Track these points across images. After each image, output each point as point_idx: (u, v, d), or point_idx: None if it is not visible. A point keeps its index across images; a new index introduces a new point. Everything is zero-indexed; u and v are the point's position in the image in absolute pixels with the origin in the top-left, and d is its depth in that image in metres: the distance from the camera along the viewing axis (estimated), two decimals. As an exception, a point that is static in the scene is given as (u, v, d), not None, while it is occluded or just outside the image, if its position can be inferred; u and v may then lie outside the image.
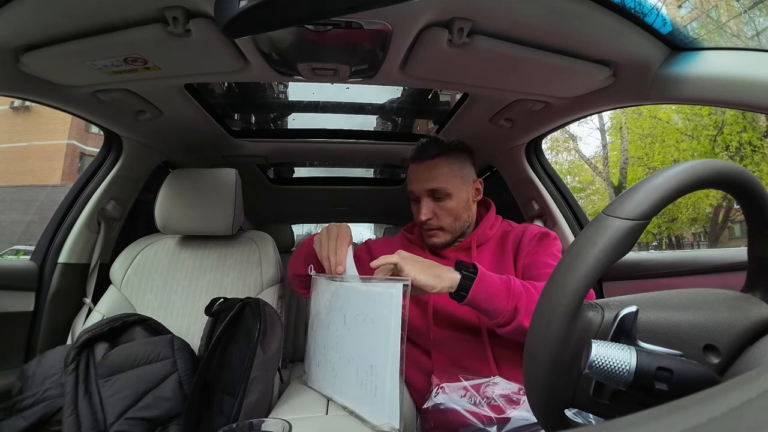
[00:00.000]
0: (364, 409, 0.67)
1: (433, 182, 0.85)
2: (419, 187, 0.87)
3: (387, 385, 0.63)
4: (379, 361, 0.64)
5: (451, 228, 0.87)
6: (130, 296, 1.03)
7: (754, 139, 8.31)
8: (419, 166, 0.87)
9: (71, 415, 0.68)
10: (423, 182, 0.86)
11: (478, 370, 0.76)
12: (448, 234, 0.88)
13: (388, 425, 0.63)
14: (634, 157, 9.95)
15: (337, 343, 0.73)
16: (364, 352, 0.67)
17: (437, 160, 0.86)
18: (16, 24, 0.64)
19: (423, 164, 0.87)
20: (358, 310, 0.69)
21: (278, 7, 0.40)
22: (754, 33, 7.58)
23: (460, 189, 0.87)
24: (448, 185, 0.85)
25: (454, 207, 0.86)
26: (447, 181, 0.85)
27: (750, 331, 0.34)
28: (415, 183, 0.88)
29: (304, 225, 2.99)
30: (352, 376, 0.69)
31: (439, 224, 0.86)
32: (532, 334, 0.36)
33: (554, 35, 0.71)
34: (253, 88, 1.27)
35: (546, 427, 0.37)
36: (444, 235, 0.88)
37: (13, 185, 11.73)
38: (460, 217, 0.87)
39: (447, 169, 0.86)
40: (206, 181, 1.09)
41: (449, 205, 0.86)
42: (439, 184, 0.85)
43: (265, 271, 1.08)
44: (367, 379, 0.66)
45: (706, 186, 0.35)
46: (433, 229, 0.87)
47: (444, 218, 0.86)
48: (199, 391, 0.75)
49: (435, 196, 0.86)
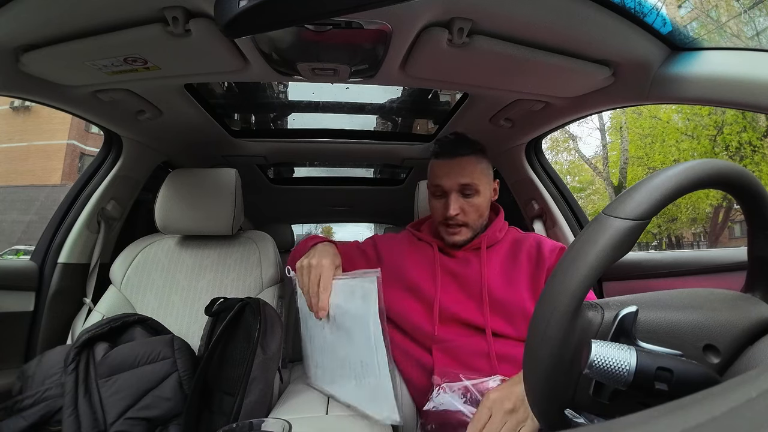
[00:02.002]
0: (365, 405, 0.68)
1: (467, 177, 0.85)
2: (450, 182, 0.86)
3: (380, 379, 0.64)
4: (367, 357, 0.65)
5: (474, 225, 0.88)
6: (130, 296, 1.03)
7: (754, 139, 8.31)
8: (450, 161, 0.87)
9: (71, 415, 0.68)
10: (456, 177, 0.85)
11: (480, 368, 0.76)
12: (470, 231, 0.88)
13: (389, 419, 0.64)
14: (634, 157, 9.95)
15: (330, 343, 0.74)
16: (353, 350, 0.68)
17: (470, 158, 0.86)
18: (16, 24, 0.64)
19: (455, 160, 0.86)
20: (341, 308, 0.69)
21: (278, 7, 0.40)
22: (754, 33, 7.58)
23: (486, 187, 0.88)
24: (479, 182, 0.86)
25: (481, 204, 0.87)
26: (478, 177, 0.86)
27: (750, 331, 0.34)
28: (445, 178, 0.87)
29: (304, 225, 2.99)
30: (347, 373, 0.70)
31: (465, 220, 0.86)
32: (532, 333, 0.36)
33: (554, 35, 0.71)
34: (253, 88, 1.27)
35: (546, 427, 0.37)
36: (467, 232, 0.88)
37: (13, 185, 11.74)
38: (484, 214, 0.89)
39: (478, 167, 0.87)
40: (206, 181, 1.09)
41: (477, 201, 0.86)
42: (472, 179, 0.85)
43: (265, 271, 1.08)
44: (361, 375, 0.67)
45: (706, 186, 0.35)
46: (459, 225, 0.87)
47: (471, 214, 0.87)
48: (199, 390, 0.75)
49: (465, 192, 0.86)
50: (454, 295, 0.83)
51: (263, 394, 0.75)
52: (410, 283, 0.86)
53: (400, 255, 0.92)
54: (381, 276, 0.64)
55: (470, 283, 0.84)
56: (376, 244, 0.96)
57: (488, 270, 0.84)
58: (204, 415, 0.75)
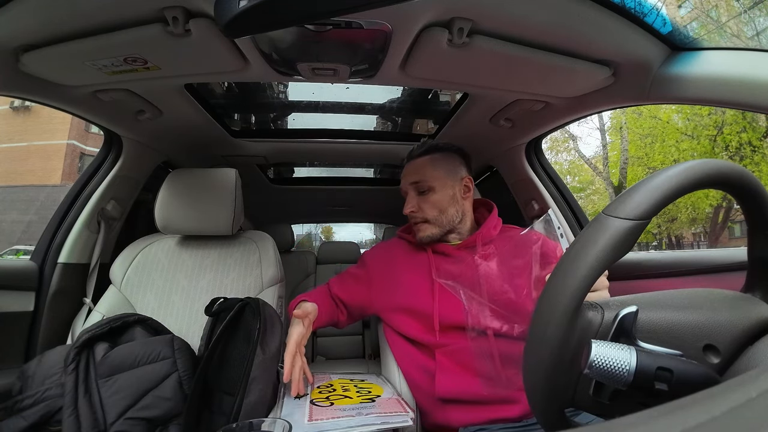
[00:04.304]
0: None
1: (416, 176, 0.91)
2: (404, 182, 0.94)
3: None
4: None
5: (436, 221, 0.89)
6: (130, 296, 1.03)
7: (753, 139, 8.30)
8: (408, 164, 0.95)
9: (71, 415, 0.68)
10: (407, 177, 0.93)
11: (484, 369, 0.76)
12: (434, 227, 0.90)
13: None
14: (634, 157, 9.94)
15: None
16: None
17: (423, 158, 0.92)
18: (16, 24, 0.64)
19: (409, 163, 0.94)
20: None
21: (278, 7, 0.40)
22: (754, 33, 7.58)
23: (444, 183, 0.90)
24: (431, 179, 0.90)
25: (438, 200, 0.89)
26: (429, 175, 0.90)
27: (750, 331, 0.34)
28: (402, 179, 0.94)
29: (304, 225, 2.99)
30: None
31: (423, 216, 0.90)
32: (532, 333, 0.36)
33: (554, 35, 0.71)
34: (253, 88, 1.27)
35: (546, 427, 0.37)
36: (430, 228, 0.90)
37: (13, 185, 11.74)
38: (446, 210, 0.90)
39: (430, 165, 0.91)
40: (206, 181, 1.09)
41: (433, 198, 0.89)
42: (420, 177, 0.90)
43: (265, 271, 1.08)
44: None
45: (706, 186, 0.35)
46: (418, 222, 0.91)
47: (428, 210, 0.89)
48: (199, 390, 0.75)
49: (419, 190, 0.91)
50: (452, 301, 0.83)
51: (263, 394, 0.75)
52: (407, 301, 0.87)
53: (393, 268, 0.93)
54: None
55: (468, 282, 0.84)
56: (366, 262, 0.99)
57: (486, 268, 0.85)
58: (204, 415, 0.75)
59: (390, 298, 0.89)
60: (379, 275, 0.93)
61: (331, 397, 0.74)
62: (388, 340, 0.92)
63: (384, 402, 0.72)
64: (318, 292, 0.95)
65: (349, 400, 0.72)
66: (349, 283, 0.96)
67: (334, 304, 0.94)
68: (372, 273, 0.95)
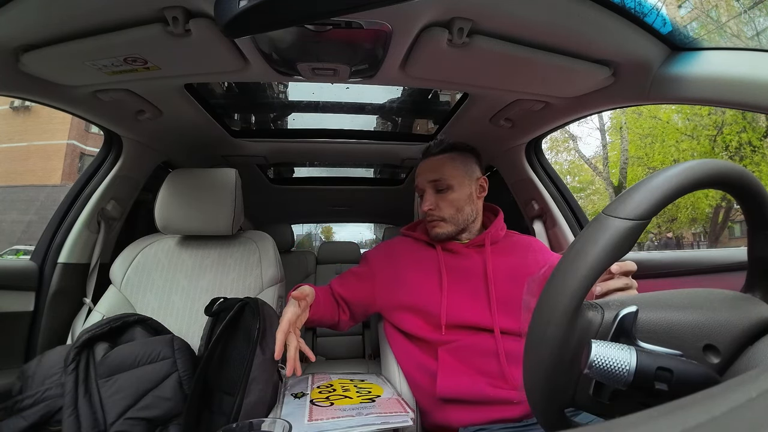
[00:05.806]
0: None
1: (435, 174, 0.90)
2: (421, 180, 0.93)
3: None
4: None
5: (453, 219, 0.89)
6: (130, 296, 1.03)
7: (753, 139, 8.30)
8: (425, 162, 0.94)
9: (71, 415, 0.68)
10: (426, 174, 0.92)
11: (488, 367, 0.76)
12: (450, 225, 0.90)
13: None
14: (634, 157, 9.94)
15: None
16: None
17: (441, 156, 0.92)
18: (16, 24, 0.64)
19: (428, 160, 0.93)
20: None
21: (278, 7, 0.40)
22: (754, 33, 7.58)
23: (462, 183, 0.90)
24: (450, 177, 0.90)
25: (456, 199, 0.89)
26: (449, 173, 0.90)
27: (750, 331, 0.34)
28: (420, 177, 0.93)
29: (304, 225, 2.99)
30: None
31: (441, 215, 0.90)
32: (532, 333, 0.36)
33: (554, 35, 0.71)
34: (253, 88, 1.26)
35: (546, 426, 0.37)
36: (446, 226, 0.90)
37: (13, 185, 11.73)
38: (462, 209, 0.90)
39: (450, 164, 0.91)
40: (206, 181, 1.09)
41: (451, 196, 0.89)
42: (440, 175, 0.90)
43: (265, 271, 1.08)
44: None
45: (705, 186, 0.35)
46: (435, 220, 0.91)
47: (446, 209, 0.89)
48: (198, 390, 0.75)
49: (438, 188, 0.90)
50: (460, 297, 0.83)
51: (263, 394, 0.75)
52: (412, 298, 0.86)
53: (397, 265, 0.92)
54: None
55: (476, 279, 0.84)
56: (369, 260, 0.98)
57: (494, 265, 0.85)
58: (204, 415, 0.75)
59: (394, 295, 0.88)
60: (383, 273, 0.93)
61: (331, 397, 0.74)
62: (390, 338, 0.92)
63: (384, 402, 0.72)
64: (319, 288, 0.94)
65: (349, 400, 0.72)
66: (351, 281, 0.95)
67: (336, 302, 0.93)
68: (375, 271, 0.94)
